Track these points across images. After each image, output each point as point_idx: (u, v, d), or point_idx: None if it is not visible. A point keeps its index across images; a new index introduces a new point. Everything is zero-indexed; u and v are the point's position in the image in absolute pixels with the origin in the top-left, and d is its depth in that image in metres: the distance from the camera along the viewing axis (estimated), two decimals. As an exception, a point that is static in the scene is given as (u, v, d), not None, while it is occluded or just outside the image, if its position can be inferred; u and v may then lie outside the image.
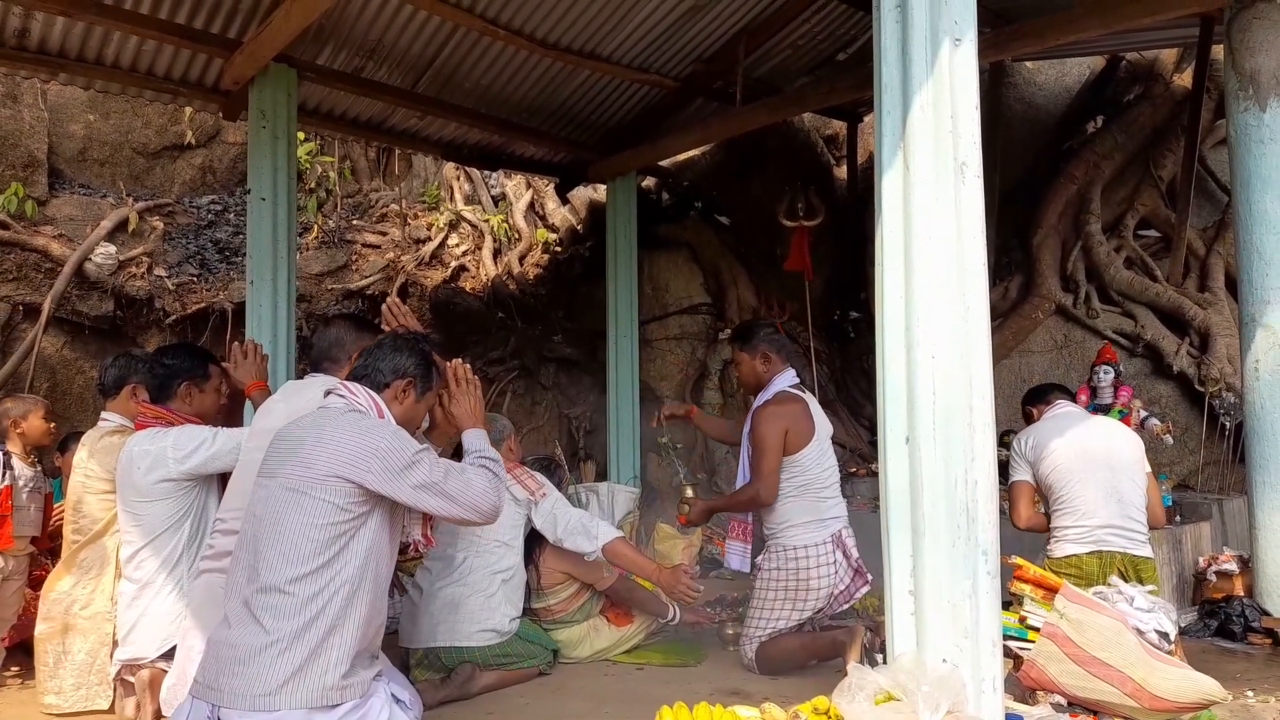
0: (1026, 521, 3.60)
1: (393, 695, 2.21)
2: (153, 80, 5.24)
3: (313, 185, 8.51)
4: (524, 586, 3.67)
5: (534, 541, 3.71)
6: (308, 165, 8.41)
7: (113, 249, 6.85)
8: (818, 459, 3.62)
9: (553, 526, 3.58)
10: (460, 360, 2.67)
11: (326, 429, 2.19)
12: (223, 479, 2.99)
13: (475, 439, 2.55)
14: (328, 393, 2.36)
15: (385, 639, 3.67)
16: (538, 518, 3.64)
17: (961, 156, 2.26)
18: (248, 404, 3.31)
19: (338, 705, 2.06)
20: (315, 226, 8.18)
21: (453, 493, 2.24)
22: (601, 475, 6.83)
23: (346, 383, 2.35)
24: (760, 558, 3.70)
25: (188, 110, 7.87)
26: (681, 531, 6.16)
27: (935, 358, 2.24)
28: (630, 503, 6.43)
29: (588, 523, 3.58)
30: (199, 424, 3.04)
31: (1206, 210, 6.48)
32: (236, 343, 3.36)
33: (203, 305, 6.99)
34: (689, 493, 3.95)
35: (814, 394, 4.03)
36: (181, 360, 3.13)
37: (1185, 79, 6.40)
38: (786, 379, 3.70)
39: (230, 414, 3.36)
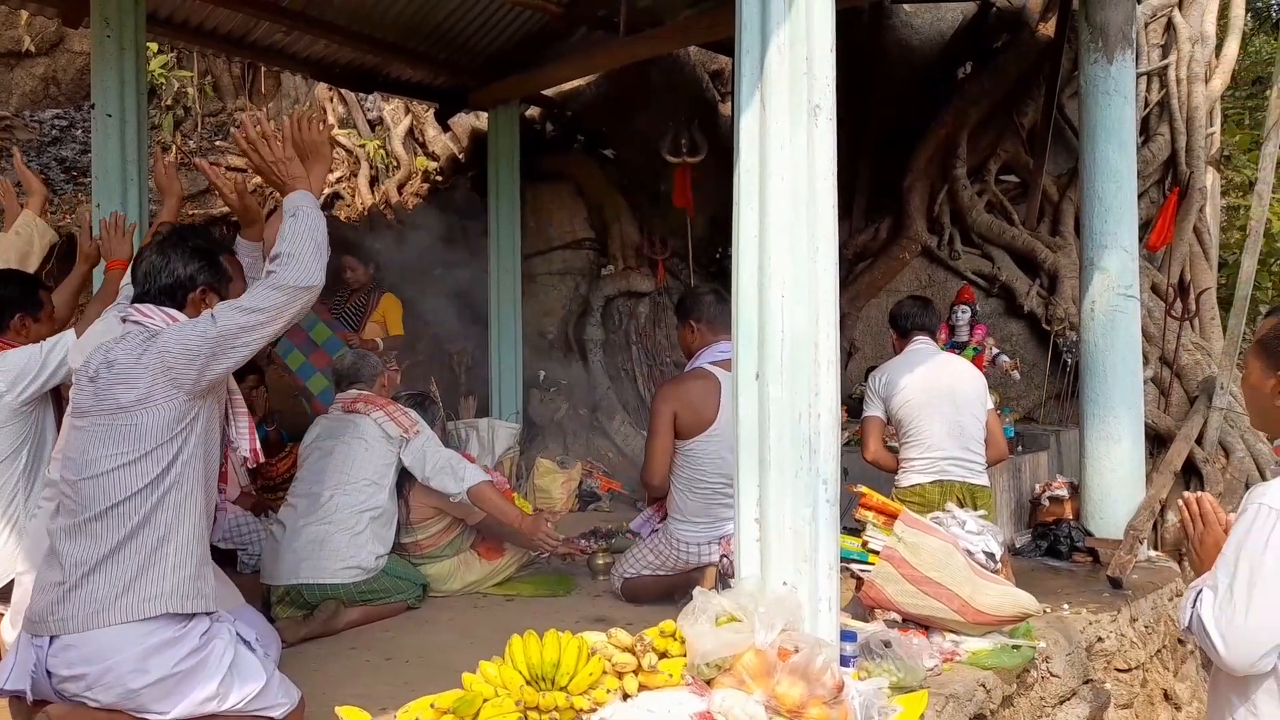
0: (874, 455, 3.80)
1: (239, 635, 2.18)
2: (-25, -22, 4.75)
3: (169, 102, 7.93)
4: (394, 525, 3.65)
5: (405, 476, 3.68)
6: (162, 80, 7.82)
7: (-61, 165, 6.25)
8: (711, 455, 3.30)
9: (421, 465, 3.56)
10: (248, 116, 2.48)
11: (125, 357, 2.09)
12: (58, 404, 2.85)
13: (291, 200, 2.21)
14: (124, 319, 2.24)
15: (244, 577, 3.64)
16: (407, 455, 3.60)
17: (815, 99, 2.30)
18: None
19: (180, 617, 2.03)
20: (173, 147, 7.66)
21: (255, 305, 2.08)
22: (483, 411, 6.80)
23: (141, 306, 2.22)
24: (658, 525, 3.62)
25: (24, 14, 7.16)
26: (561, 466, 6.24)
27: (785, 296, 2.31)
28: (511, 438, 6.44)
29: (455, 464, 3.57)
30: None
31: (1063, 158, 6.83)
32: (104, 218, 3.17)
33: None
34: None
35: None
36: (9, 289, 2.93)
37: (1049, 28, 6.65)
38: (713, 352, 3.41)
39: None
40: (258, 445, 2.38)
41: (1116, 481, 4.39)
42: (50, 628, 2.01)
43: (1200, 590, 1.75)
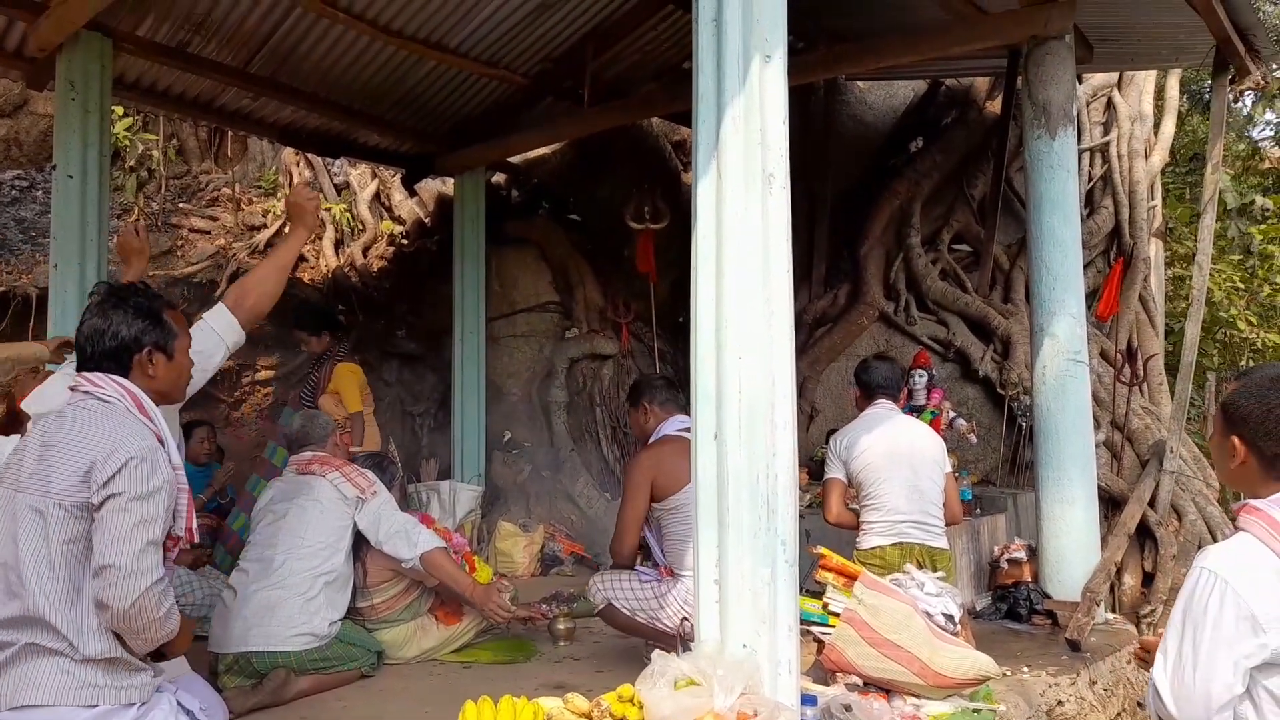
0: (836, 517, 3.83)
1: (181, 705, 2.10)
2: (-58, 40, 4.77)
3: (133, 164, 7.93)
4: (349, 589, 3.57)
5: (363, 537, 3.61)
6: (126, 142, 7.83)
7: (-107, 224, 6.17)
8: None
9: (375, 529, 3.51)
10: (127, 225, 2.48)
11: (64, 435, 2.00)
12: None
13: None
14: (72, 389, 2.15)
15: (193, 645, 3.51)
16: (362, 518, 3.55)
17: (769, 168, 2.38)
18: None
19: (114, 708, 1.95)
20: (136, 209, 7.63)
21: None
22: (445, 473, 6.73)
23: (88, 375, 2.12)
24: (662, 567, 3.52)
25: (-12, 75, 7.16)
26: (523, 530, 6.17)
27: (741, 359, 2.35)
28: (473, 501, 6.37)
29: (410, 529, 3.52)
30: None
31: (1012, 228, 7.07)
32: (130, 224, 3.12)
33: (3, 289, 6.40)
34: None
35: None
36: None
37: (995, 106, 6.97)
38: (672, 424, 3.52)
39: None
40: (194, 525, 2.23)
41: (1072, 544, 4.44)
42: None
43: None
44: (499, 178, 7.91)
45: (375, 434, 5.58)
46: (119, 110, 7.26)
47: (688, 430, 3.19)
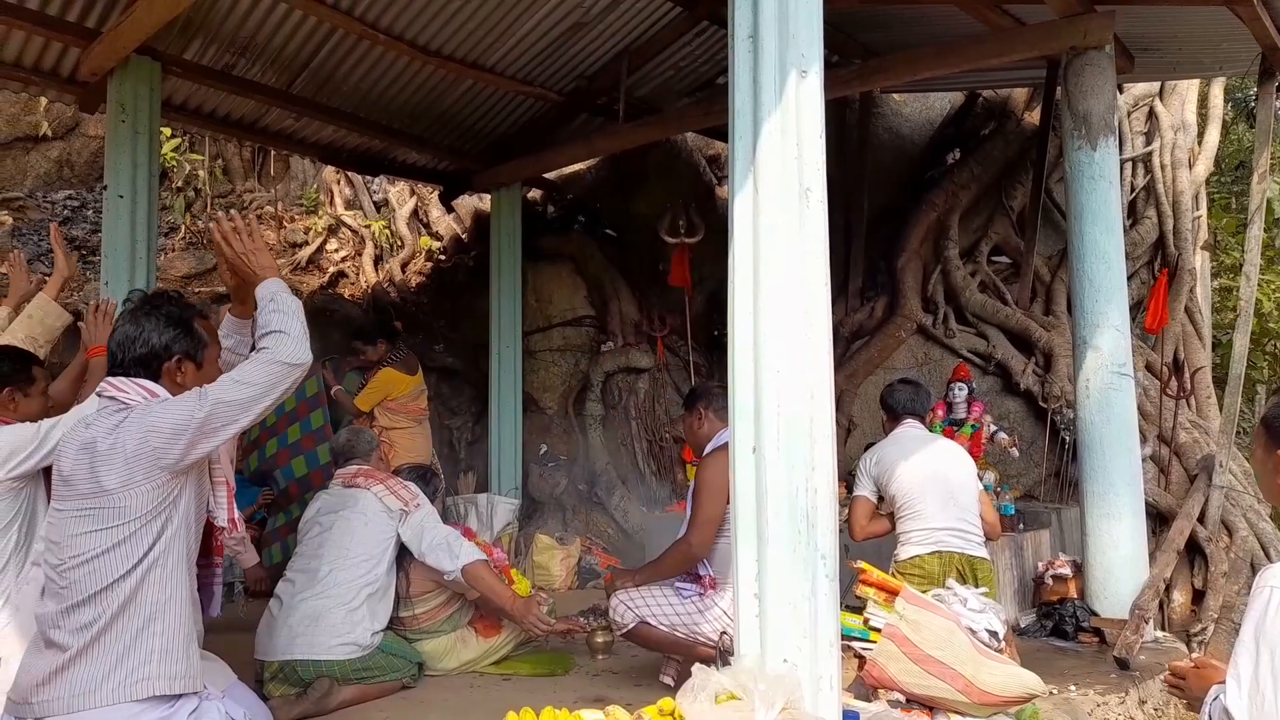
0: (863, 533, 3.81)
1: (229, 715, 2.14)
2: (2, 67, 4.94)
3: (180, 184, 8.14)
4: (391, 600, 3.62)
5: (406, 549, 3.66)
6: (174, 162, 8.05)
7: (-47, 244, 6.39)
8: None
9: (418, 541, 3.54)
10: (224, 215, 2.41)
11: (104, 437, 2.04)
12: (49, 478, 2.85)
13: (266, 287, 2.24)
14: (99, 394, 2.17)
15: (238, 652, 3.58)
16: (405, 530, 3.59)
17: (806, 182, 2.39)
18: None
19: (167, 698, 1.99)
20: (182, 227, 7.83)
21: (248, 379, 2.07)
22: (482, 486, 6.79)
23: (115, 380, 2.15)
24: (706, 578, 3.41)
25: (43, 100, 7.41)
26: (560, 543, 6.19)
27: (779, 372, 2.35)
28: (510, 514, 6.42)
29: (452, 541, 3.55)
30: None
31: (1052, 239, 6.98)
32: (93, 302, 3.19)
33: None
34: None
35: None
36: (3, 365, 2.93)
37: (1034, 117, 6.90)
38: (727, 434, 3.52)
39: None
40: (236, 515, 2.30)
41: (1119, 560, 4.36)
42: (35, 710, 1.96)
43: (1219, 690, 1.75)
44: (535, 194, 7.99)
45: (419, 444, 5.64)
46: (167, 131, 7.46)
47: None
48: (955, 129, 7.48)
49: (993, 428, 5.43)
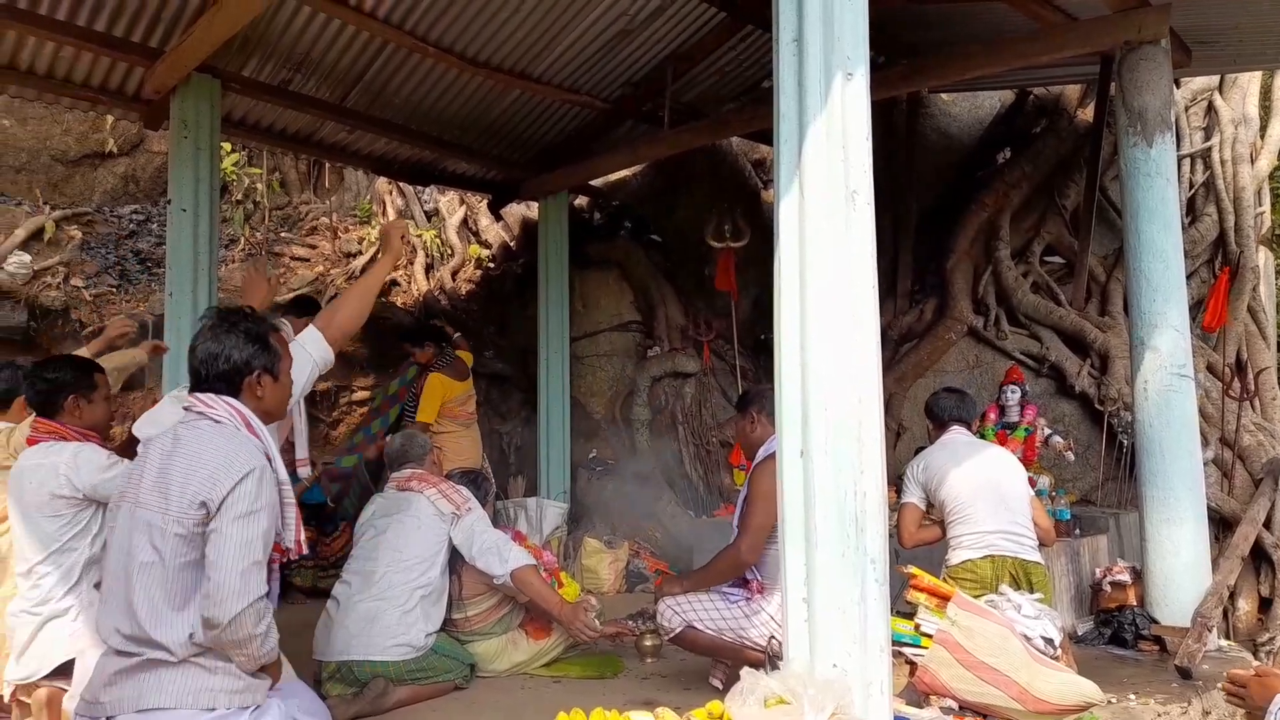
0: (912, 539, 3.79)
1: (288, 712, 2.20)
2: (70, 87, 5.15)
3: (240, 197, 8.38)
4: (444, 602, 3.69)
5: (457, 551, 3.72)
6: (234, 176, 8.29)
7: (27, 258, 6.67)
8: None
9: (469, 544, 3.61)
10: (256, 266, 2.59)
11: (180, 453, 2.11)
12: None
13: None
14: (186, 409, 2.25)
15: (298, 653, 3.68)
16: (457, 533, 3.66)
17: (853, 184, 2.39)
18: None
19: (230, 711, 2.05)
20: (242, 239, 8.06)
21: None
22: (531, 490, 6.86)
23: (202, 395, 2.23)
24: (754, 583, 3.44)
25: (109, 118, 7.70)
26: (608, 546, 6.22)
27: (827, 376, 2.34)
28: (559, 518, 6.47)
29: (502, 546, 3.61)
30: (97, 440, 2.98)
31: (1107, 238, 6.83)
32: (251, 265, 3.33)
33: (121, 317, 6.82)
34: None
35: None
36: (64, 373, 3.01)
37: (1088, 114, 6.75)
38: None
39: None
40: (303, 537, 2.36)
41: (1180, 566, 4.24)
42: (104, 709, 2.03)
43: None
44: (581, 201, 8.06)
45: (466, 448, 5.72)
46: (227, 146, 7.69)
47: None
48: (1005, 127, 7.35)
49: (1047, 431, 5.34)
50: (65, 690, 2.82)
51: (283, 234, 8.45)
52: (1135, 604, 4.40)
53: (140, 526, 2.08)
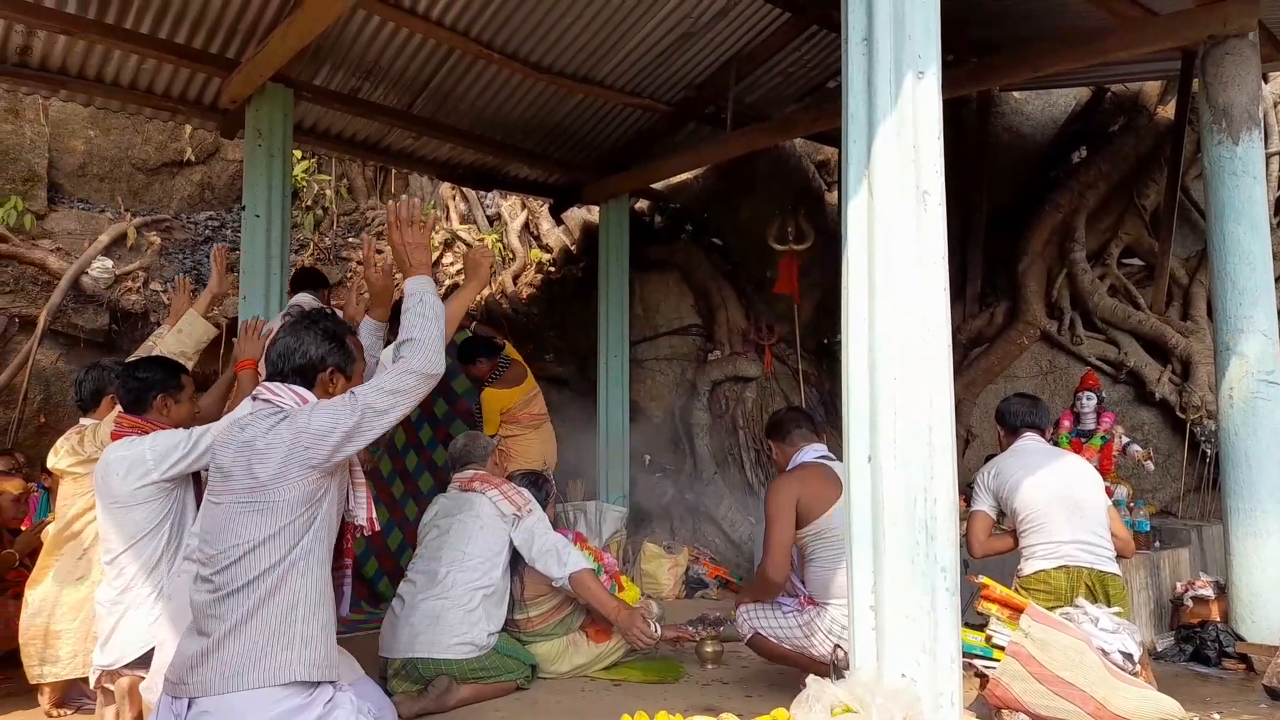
0: (982, 549, 3.69)
1: (358, 706, 2.24)
2: (152, 98, 5.35)
3: (309, 203, 8.61)
4: (506, 602, 3.71)
5: (519, 552, 3.74)
6: (304, 183, 8.52)
7: (109, 263, 6.94)
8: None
9: (529, 545, 3.63)
10: (406, 198, 2.63)
11: (260, 436, 2.19)
12: (198, 482, 3.06)
13: (415, 284, 2.47)
14: (254, 397, 2.34)
15: (365, 650, 3.74)
16: (517, 534, 3.68)
17: (924, 185, 2.34)
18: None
19: (307, 685, 2.10)
20: (311, 244, 8.27)
21: (390, 387, 2.25)
22: (591, 494, 6.87)
23: (271, 385, 2.32)
24: (802, 596, 3.47)
25: (187, 127, 7.97)
26: (668, 551, 6.20)
27: (896, 379, 2.30)
28: (618, 521, 6.46)
29: (561, 548, 3.63)
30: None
31: (1189, 240, 6.57)
32: (244, 320, 3.44)
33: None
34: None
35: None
36: (154, 373, 3.17)
37: (1168, 111, 6.51)
38: (808, 453, 3.48)
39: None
40: (374, 515, 2.44)
41: (1268, 582, 4.06)
42: (189, 690, 2.11)
43: None
44: (642, 204, 8.06)
45: (534, 450, 5.72)
46: (298, 154, 7.91)
47: (824, 457, 3.43)
48: (1081, 126, 7.12)
49: (1124, 439, 5.15)
50: (144, 678, 2.91)
51: (350, 239, 8.64)
52: (1219, 620, 4.24)
53: (234, 507, 2.18)
